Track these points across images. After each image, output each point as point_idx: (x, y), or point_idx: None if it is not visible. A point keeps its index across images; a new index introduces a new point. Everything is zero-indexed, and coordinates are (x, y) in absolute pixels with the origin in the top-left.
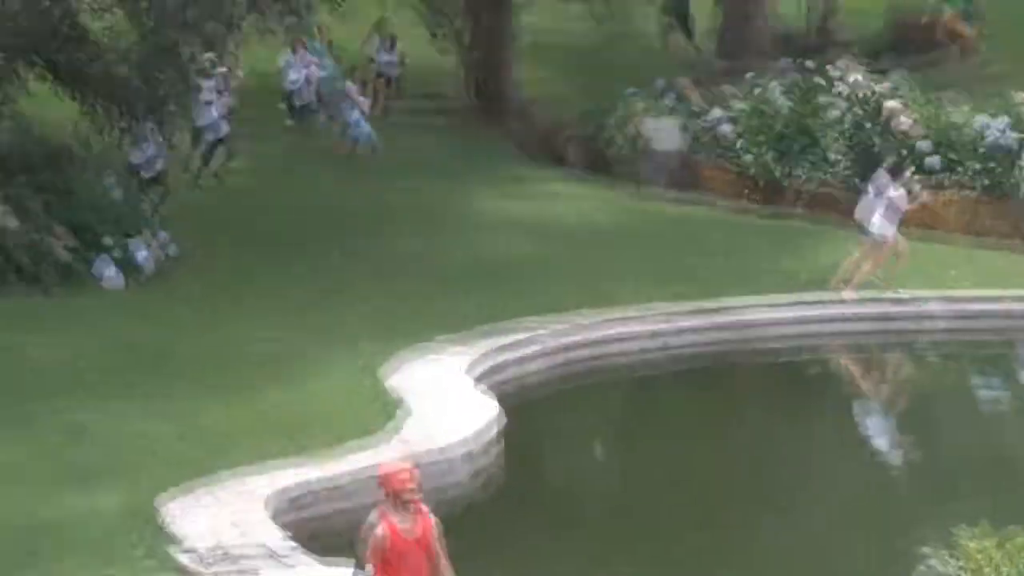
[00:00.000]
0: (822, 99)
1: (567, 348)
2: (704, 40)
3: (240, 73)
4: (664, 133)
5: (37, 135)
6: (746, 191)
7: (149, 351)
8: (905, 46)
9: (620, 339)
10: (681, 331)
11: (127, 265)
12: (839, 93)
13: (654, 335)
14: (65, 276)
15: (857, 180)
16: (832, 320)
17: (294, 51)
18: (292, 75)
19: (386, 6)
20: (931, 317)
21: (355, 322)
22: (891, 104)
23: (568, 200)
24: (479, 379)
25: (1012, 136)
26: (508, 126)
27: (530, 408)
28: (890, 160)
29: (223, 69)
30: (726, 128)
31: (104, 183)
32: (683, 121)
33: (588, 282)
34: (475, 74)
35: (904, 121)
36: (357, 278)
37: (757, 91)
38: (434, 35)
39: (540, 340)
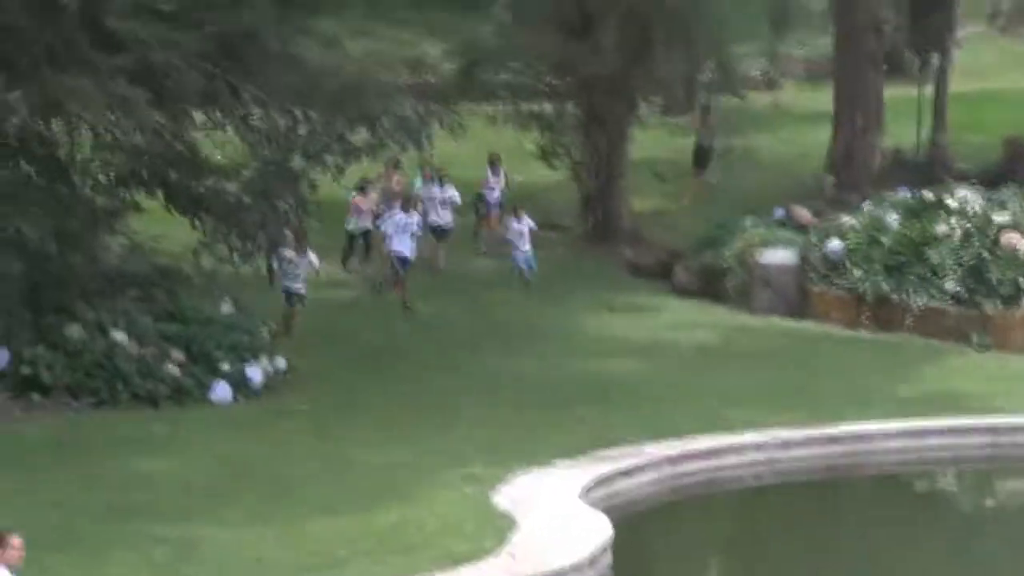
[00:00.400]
0: (932, 217)
1: (675, 462)
2: (823, 168)
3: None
4: (780, 263)
5: (149, 252)
6: (858, 311)
7: (259, 468)
8: (1022, 172)
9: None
10: (789, 445)
11: (239, 384)
12: (949, 210)
13: (760, 447)
14: (177, 393)
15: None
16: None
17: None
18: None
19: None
20: None
21: (464, 441)
22: (1000, 219)
23: (681, 323)
24: (592, 502)
25: None
26: (621, 250)
27: (640, 527)
28: None
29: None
30: (836, 247)
31: (218, 304)
32: (799, 251)
33: (700, 404)
34: (590, 197)
35: (1015, 237)
36: (465, 396)
37: (870, 213)
38: (548, 156)
39: (653, 463)
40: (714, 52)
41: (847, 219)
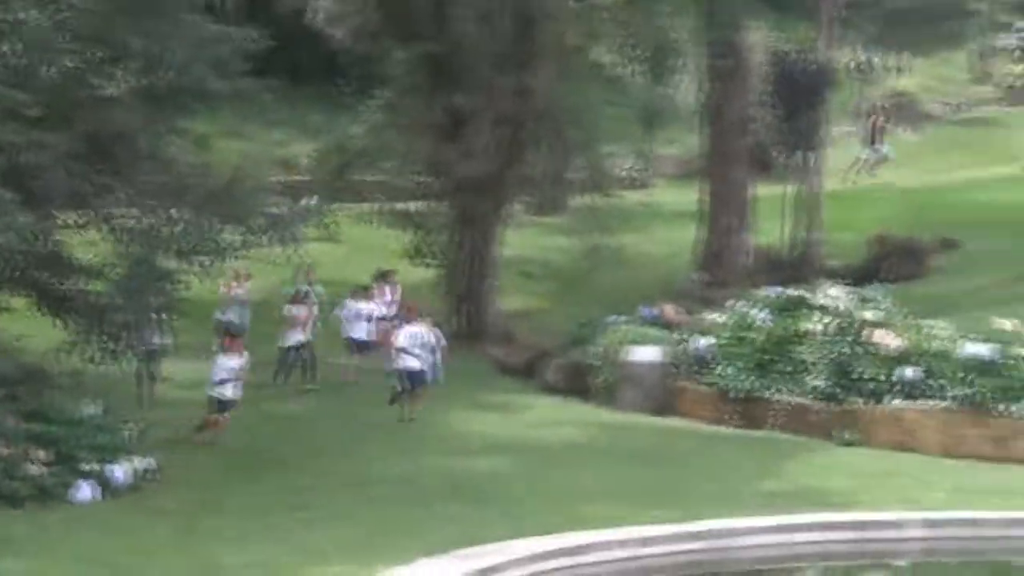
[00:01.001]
0: (800, 314)
1: (539, 559)
2: (692, 266)
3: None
4: (646, 360)
5: (14, 352)
6: (723, 408)
7: (121, 568)
8: (890, 271)
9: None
10: (652, 541)
11: (104, 484)
12: (817, 307)
13: (623, 544)
14: (40, 493)
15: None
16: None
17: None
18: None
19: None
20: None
21: (328, 540)
22: (867, 316)
23: (548, 420)
24: None
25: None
26: (491, 350)
27: None
28: None
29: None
30: (704, 344)
31: (82, 405)
32: (666, 348)
33: (566, 501)
34: (459, 296)
35: (881, 334)
36: (335, 499)
37: (738, 310)
38: (419, 255)
39: (516, 560)
40: (584, 151)
41: (715, 316)
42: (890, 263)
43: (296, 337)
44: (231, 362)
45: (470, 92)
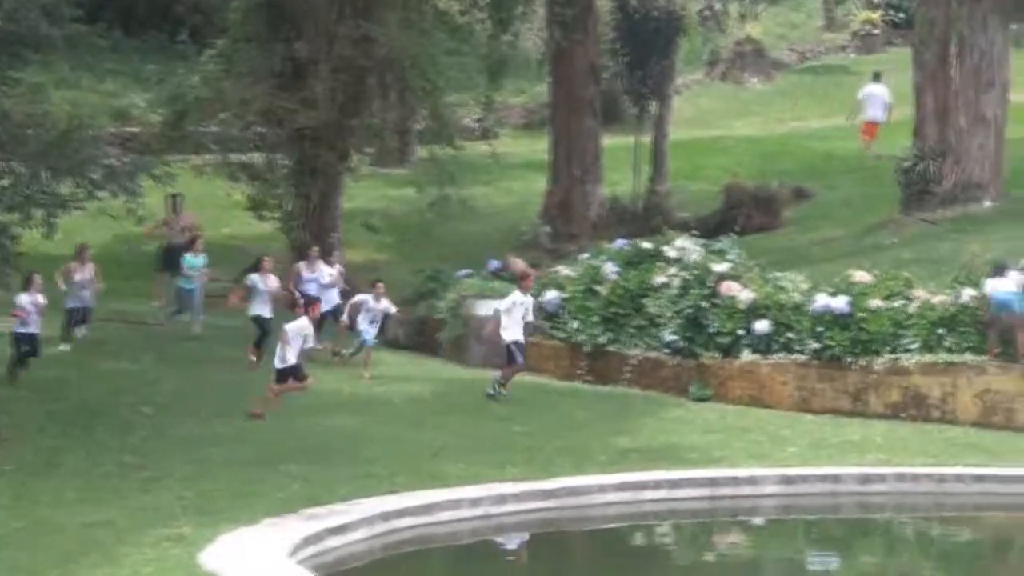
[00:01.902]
0: (650, 267)
1: (388, 518)
2: (540, 219)
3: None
4: (495, 314)
5: None
6: (575, 363)
7: None
8: (742, 222)
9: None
10: (505, 499)
11: None
12: (668, 260)
13: (476, 502)
14: None
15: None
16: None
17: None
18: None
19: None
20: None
21: (170, 500)
22: (719, 268)
23: (394, 377)
24: (301, 561)
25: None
26: None
27: None
28: None
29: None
30: (553, 298)
31: None
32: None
33: (415, 459)
34: (300, 250)
35: (734, 287)
36: (178, 459)
37: (588, 264)
38: (259, 208)
39: (364, 519)
40: (429, 101)
41: (564, 270)
42: (742, 214)
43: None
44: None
45: (310, 40)
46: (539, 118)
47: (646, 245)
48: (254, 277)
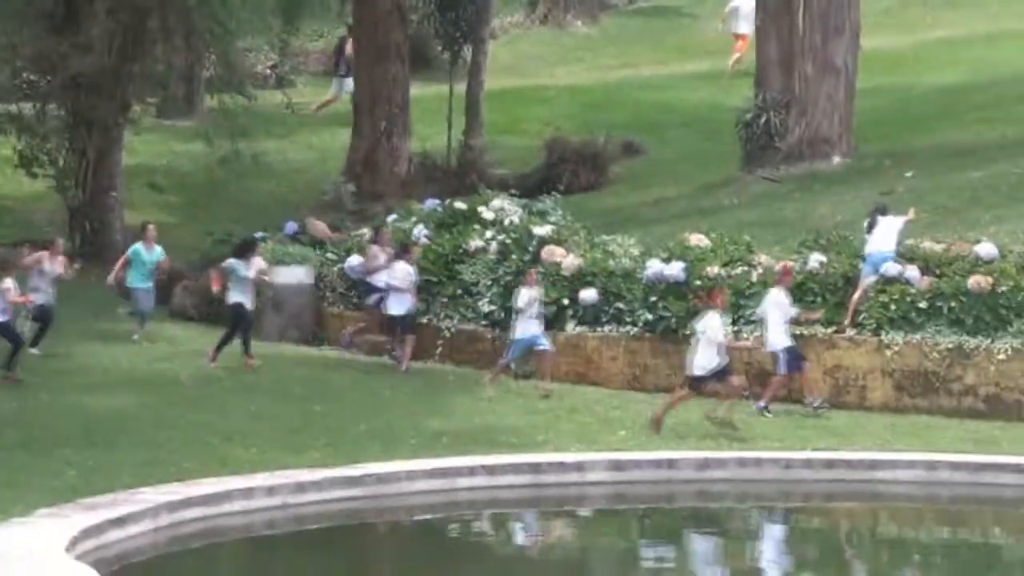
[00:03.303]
0: (465, 230)
1: (174, 508)
2: (342, 176)
3: None
4: (292, 282)
5: None
6: (382, 336)
7: None
8: (566, 180)
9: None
10: (305, 488)
11: None
12: (484, 222)
13: (272, 491)
14: None
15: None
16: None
17: None
18: None
19: None
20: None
21: None
22: (541, 231)
23: (181, 352)
24: (80, 555)
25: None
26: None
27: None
28: None
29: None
30: (357, 264)
31: None
32: (316, 269)
33: (204, 443)
34: (77, 210)
35: (557, 251)
36: None
37: (396, 227)
38: (29, 164)
39: (148, 510)
40: (217, 45)
41: (369, 233)
42: (566, 171)
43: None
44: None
45: None
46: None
47: (460, 205)
48: (233, 261)
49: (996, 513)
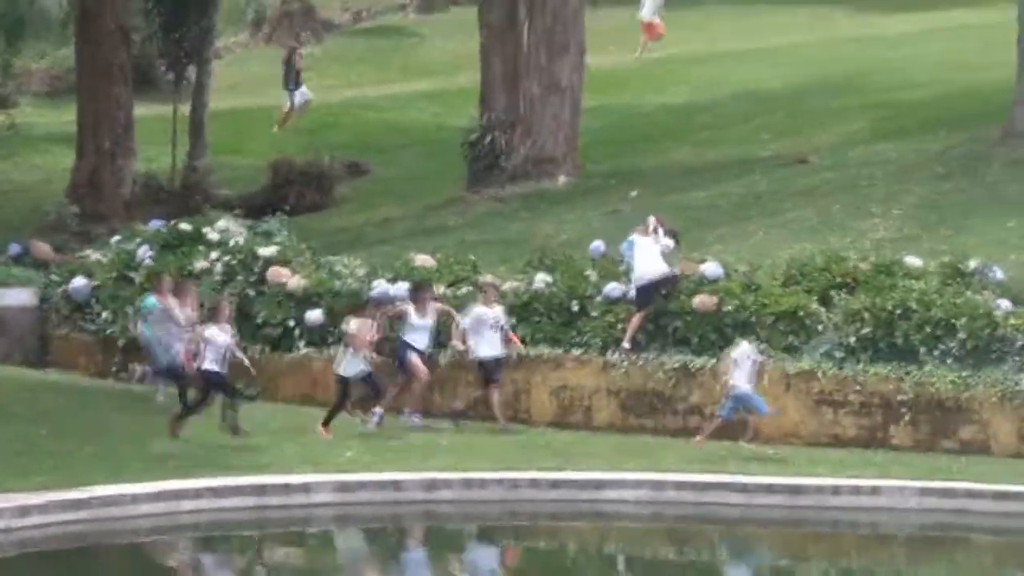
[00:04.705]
0: (190, 251)
1: None
2: (66, 197)
3: None
4: (16, 304)
5: None
6: (107, 357)
7: None
8: (292, 201)
9: None
10: (28, 511)
11: None
12: (209, 243)
13: None
14: None
15: None
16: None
17: None
18: None
19: None
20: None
21: None
22: (266, 252)
23: None
24: None
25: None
26: None
27: None
28: None
29: None
30: (81, 285)
31: None
32: (40, 291)
33: None
34: None
35: (283, 272)
36: None
37: (120, 248)
38: None
39: None
40: None
41: (94, 254)
42: (292, 192)
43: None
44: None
45: None
46: (66, 85)
47: (185, 227)
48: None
49: (721, 532)
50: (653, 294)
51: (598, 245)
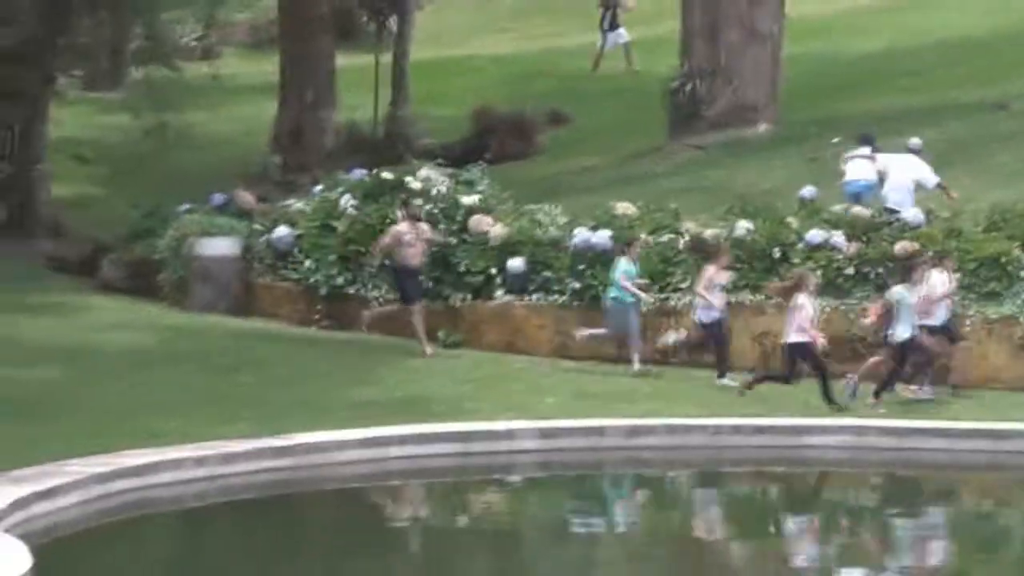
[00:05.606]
0: (392, 200)
1: (103, 480)
2: (269, 147)
3: None
4: (220, 254)
5: None
6: (310, 307)
7: None
8: (494, 150)
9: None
10: (233, 459)
11: None
12: (413, 192)
13: (201, 462)
14: None
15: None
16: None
17: None
18: None
19: None
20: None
21: None
22: (469, 201)
23: (108, 324)
24: (7, 528)
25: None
26: (40, 244)
27: (64, 554)
28: None
29: None
30: (284, 234)
31: None
32: (243, 241)
33: (132, 415)
34: (2, 183)
35: (485, 221)
36: None
37: (323, 197)
38: None
39: (77, 482)
40: (143, 17)
41: (296, 203)
42: (493, 141)
43: None
44: None
45: None
46: (267, 36)
47: (387, 176)
48: (899, 290)
49: (924, 476)
50: None
51: (810, 189)
